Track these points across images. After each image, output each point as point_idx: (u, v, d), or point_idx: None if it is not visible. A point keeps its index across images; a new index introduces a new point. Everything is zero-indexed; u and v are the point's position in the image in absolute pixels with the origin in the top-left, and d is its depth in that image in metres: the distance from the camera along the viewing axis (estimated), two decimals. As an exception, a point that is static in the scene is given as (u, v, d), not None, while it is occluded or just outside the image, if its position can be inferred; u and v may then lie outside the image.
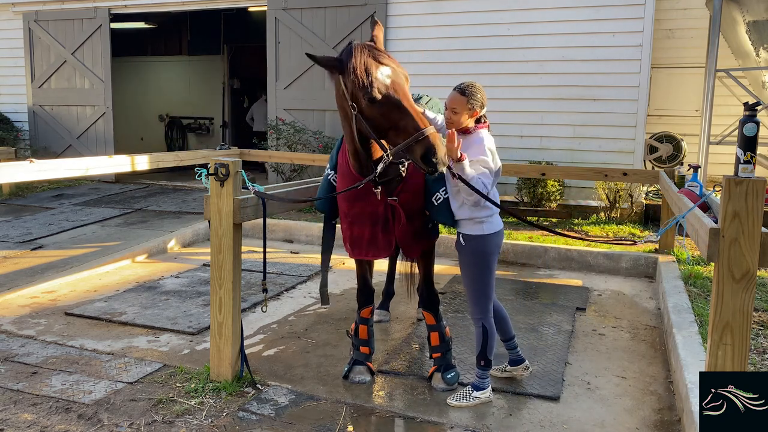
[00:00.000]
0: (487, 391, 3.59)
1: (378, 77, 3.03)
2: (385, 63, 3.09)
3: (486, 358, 3.54)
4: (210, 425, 3.27)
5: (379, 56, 3.09)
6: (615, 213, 8.39)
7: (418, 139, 2.98)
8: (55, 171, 6.24)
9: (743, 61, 9.39)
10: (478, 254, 3.46)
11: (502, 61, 8.77)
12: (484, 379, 3.58)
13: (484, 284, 3.49)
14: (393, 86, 3.05)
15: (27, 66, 12.31)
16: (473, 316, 3.57)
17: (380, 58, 3.09)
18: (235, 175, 3.54)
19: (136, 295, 5.47)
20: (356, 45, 3.12)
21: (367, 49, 3.09)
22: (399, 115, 3.04)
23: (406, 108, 3.03)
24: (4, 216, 8.71)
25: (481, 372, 3.58)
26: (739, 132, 2.84)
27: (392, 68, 3.10)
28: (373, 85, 3.01)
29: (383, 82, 3.04)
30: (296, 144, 9.64)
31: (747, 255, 2.54)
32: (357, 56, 3.06)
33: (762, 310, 4.78)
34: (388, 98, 3.04)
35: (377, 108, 3.06)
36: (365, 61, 3.04)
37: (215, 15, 13.92)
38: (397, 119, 3.05)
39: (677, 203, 4.57)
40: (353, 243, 3.63)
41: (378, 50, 3.13)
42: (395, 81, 3.07)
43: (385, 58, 3.12)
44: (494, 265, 3.52)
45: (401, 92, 3.06)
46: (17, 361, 4.04)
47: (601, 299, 5.66)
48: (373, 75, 3.03)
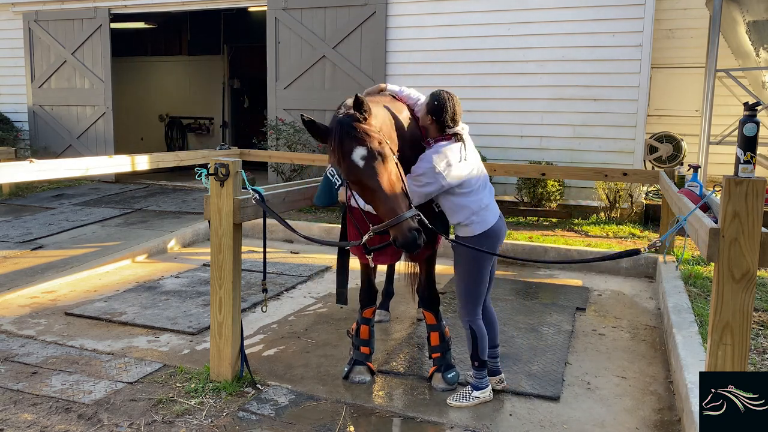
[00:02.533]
0: (487, 390, 3.60)
1: (349, 165, 2.95)
2: (360, 145, 2.95)
3: (479, 358, 3.57)
4: (210, 425, 3.27)
5: (357, 136, 2.95)
6: (615, 213, 8.39)
7: (390, 225, 2.96)
8: (55, 171, 6.24)
9: (743, 61, 9.39)
10: (468, 257, 3.48)
11: (502, 61, 8.77)
12: (482, 379, 3.60)
13: (472, 285, 3.52)
14: (364, 173, 2.94)
15: (27, 66, 12.31)
16: (461, 317, 3.61)
17: (358, 139, 2.95)
18: (235, 175, 3.54)
19: (136, 295, 5.47)
20: (338, 120, 3.03)
21: (346, 129, 2.97)
22: (370, 196, 3.02)
23: (377, 193, 2.96)
24: (4, 216, 8.71)
25: (478, 372, 3.59)
26: (739, 132, 2.84)
27: (369, 150, 2.95)
28: (345, 171, 3.00)
29: (355, 168, 2.94)
30: (296, 144, 9.64)
31: (747, 255, 2.54)
32: (335, 137, 2.98)
33: (762, 310, 4.78)
34: (360, 184, 3.01)
35: (354, 187, 3.09)
36: (341, 144, 2.96)
37: (215, 15, 13.92)
38: (369, 199, 3.06)
39: (677, 203, 4.57)
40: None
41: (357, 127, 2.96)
42: (368, 166, 2.94)
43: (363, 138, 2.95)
44: (485, 268, 3.52)
45: (375, 174, 2.94)
46: (17, 361, 4.04)
47: (601, 299, 5.66)
48: (347, 161, 2.96)
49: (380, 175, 2.96)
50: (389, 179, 2.99)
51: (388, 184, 2.98)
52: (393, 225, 2.94)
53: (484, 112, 8.71)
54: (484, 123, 8.62)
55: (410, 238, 2.92)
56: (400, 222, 2.92)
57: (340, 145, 2.97)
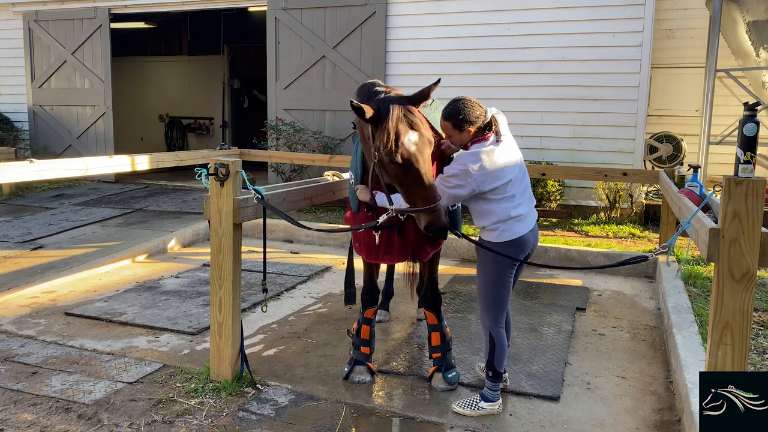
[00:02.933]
0: (497, 404, 3.45)
1: (404, 143, 3.07)
2: (416, 130, 3.13)
3: (494, 369, 3.43)
4: (210, 425, 3.27)
5: (412, 122, 3.13)
6: (615, 213, 8.39)
7: (424, 211, 3.10)
8: (55, 171, 6.24)
9: (743, 61, 9.39)
10: (491, 262, 3.36)
11: (502, 61, 8.77)
12: (495, 392, 3.46)
13: (494, 293, 3.38)
14: (416, 155, 3.09)
15: (27, 66, 12.31)
16: (482, 323, 3.48)
17: (413, 125, 3.13)
18: (235, 175, 3.54)
19: (136, 295, 5.47)
20: (394, 105, 3.13)
21: (403, 113, 3.12)
22: (413, 181, 3.11)
23: (422, 179, 3.10)
24: (4, 216, 8.70)
25: (491, 384, 3.45)
26: (739, 132, 2.84)
27: (420, 135, 3.13)
28: (397, 151, 3.06)
29: (408, 149, 3.07)
30: (296, 144, 9.65)
31: (747, 255, 2.54)
32: (393, 118, 3.09)
33: (762, 310, 4.78)
34: (409, 165, 3.09)
35: (396, 168, 3.12)
36: (398, 126, 3.08)
37: (215, 15, 13.92)
38: (411, 184, 3.12)
39: (677, 203, 4.57)
40: (369, 248, 3.69)
41: (412, 115, 3.14)
42: (419, 150, 3.10)
43: (418, 124, 3.14)
44: (507, 275, 3.38)
45: (422, 161, 3.10)
46: (17, 361, 4.04)
47: (601, 299, 5.66)
48: (400, 140, 3.07)
49: (427, 162, 3.13)
50: (428, 161, 3.16)
51: (431, 172, 3.18)
52: (431, 211, 3.08)
53: (484, 112, 8.70)
54: (484, 123, 8.62)
55: (445, 223, 3.12)
56: (435, 209, 3.08)
57: (395, 127, 3.08)
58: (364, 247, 3.73)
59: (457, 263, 6.83)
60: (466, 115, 3.27)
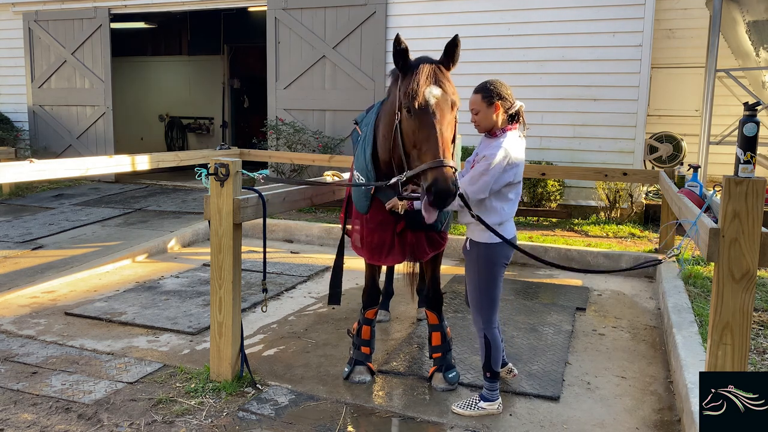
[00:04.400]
0: (496, 403, 3.44)
1: (424, 94, 3.08)
2: (440, 85, 3.14)
3: (491, 369, 3.42)
4: (210, 425, 3.27)
5: (439, 78, 3.15)
6: (615, 213, 8.39)
7: (430, 167, 2.95)
8: (55, 171, 6.23)
9: (743, 61, 9.39)
10: (483, 263, 3.33)
11: (502, 61, 8.77)
12: (493, 391, 3.45)
13: (487, 294, 3.36)
14: (435, 106, 3.08)
15: (27, 66, 12.31)
16: (475, 325, 3.46)
17: (439, 80, 3.15)
18: (235, 175, 3.54)
19: (136, 295, 5.47)
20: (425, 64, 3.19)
21: (432, 70, 3.17)
22: (426, 134, 3.04)
23: (434, 130, 3.03)
24: (4, 216, 8.71)
25: (489, 384, 3.44)
26: (739, 132, 2.84)
27: (443, 92, 3.13)
28: (417, 95, 3.06)
29: (427, 99, 3.07)
30: (296, 144, 9.65)
31: (747, 255, 2.54)
32: (422, 72, 3.14)
33: (762, 310, 4.78)
34: (425, 114, 3.06)
35: (413, 121, 3.09)
36: (427, 76, 3.12)
37: (215, 15, 13.92)
38: (424, 139, 3.05)
39: (677, 203, 4.57)
40: (373, 249, 3.69)
41: (442, 73, 3.18)
42: (439, 104, 3.09)
43: (444, 81, 3.17)
44: (500, 276, 3.38)
45: (440, 114, 3.07)
46: (17, 361, 4.03)
47: (601, 299, 5.66)
48: (423, 87, 3.09)
49: (445, 117, 3.08)
50: (448, 126, 3.10)
51: (448, 129, 3.09)
52: (436, 167, 2.93)
53: (484, 112, 8.70)
54: (484, 123, 8.62)
55: (450, 184, 2.90)
56: (443, 165, 2.92)
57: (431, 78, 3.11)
58: (367, 247, 3.72)
59: (457, 263, 6.83)
60: (497, 88, 3.31)
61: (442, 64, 3.23)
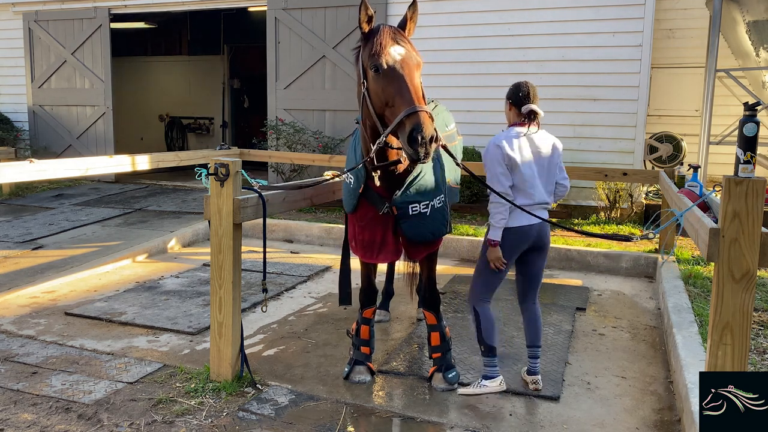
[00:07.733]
0: (497, 380, 3.61)
1: (389, 51, 3.17)
2: (402, 45, 3.26)
3: (484, 343, 3.58)
4: (210, 425, 3.27)
5: (399, 39, 3.28)
6: (615, 213, 8.39)
7: (407, 114, 2.97)
8: (55, 171, 6.23)
9: (743, 61, 9.39)
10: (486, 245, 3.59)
11: (502, 61, 8.77)
12: (491, 367, 3.60)
13: (484, 274, 3.60)
14: (401, 63, 3.16)
15: (27, 66, 12.31)
16: (469, 301, 3.69)
17: (400, 40, 3.27)
18: (235, 175, 3.54)
19: (136, 295, 5.47)
20: (384, 26, 3.33)
21: (392, 31, 3.30)
22: (397, 88, 3.08)
23: (405, 82, 3.09)
24: (4, 216, 8.71)
25: (486, 360, 3.60)
26: (739, 132, 2.84)
27: (407, 50, 3.24)
28: (381, 54, 3.14)
29: (392, 56, 3.17)
30: (296, 144, 9.64)
31: (747, 255, 2.54)
32: (383, 32, 3.26)
33: (762, 310, 4.78)
34: (393, 71, 3.13)
35: (381, 81, 3.15)
36: (387, 38, 3.23)
37: (215, 15, 13.92)
38: (396, 91, 3.08)
39: (677, 203, 4.57)
40: (365, 247, 3.70)
41: (402, 35, 3.32)
42: (405, 60, 3.18)
43: (405, 42, 3.30)
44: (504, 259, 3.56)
45: (406, 69, 3.15)
46: (17, 361, 4.04)
47: (601, 299, 5.66)
48: (386, 47, 3.18)
49: (413, 71, 3.17)
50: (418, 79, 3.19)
51: (417, 81, 3.17)
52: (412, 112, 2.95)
53: (484, 112, 8.68)
54: (484, 123, 8.60)
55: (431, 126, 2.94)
56: (420, 110, 2.95)
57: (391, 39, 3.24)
58: (359, 245, 3.72)
59: (457, 263, 6.83)
60: (509, 91, 3.67)
61: (401, 27, 3.40)
